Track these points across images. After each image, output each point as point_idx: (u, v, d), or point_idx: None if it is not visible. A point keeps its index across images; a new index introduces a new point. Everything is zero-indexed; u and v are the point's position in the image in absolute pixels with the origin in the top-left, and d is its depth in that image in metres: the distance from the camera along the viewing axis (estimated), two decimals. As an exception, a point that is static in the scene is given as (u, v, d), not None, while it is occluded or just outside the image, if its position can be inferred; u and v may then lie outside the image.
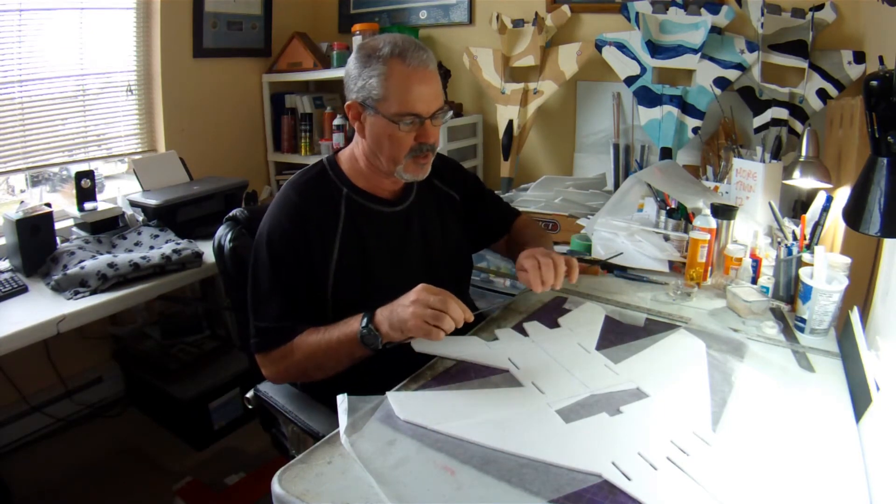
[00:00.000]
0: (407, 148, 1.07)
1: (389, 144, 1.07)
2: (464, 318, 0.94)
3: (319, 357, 1.03)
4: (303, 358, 1.04)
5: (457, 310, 0.93)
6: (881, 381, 0.87)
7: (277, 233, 1.09)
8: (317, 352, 1.03)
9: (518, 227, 1.39)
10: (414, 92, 1.04)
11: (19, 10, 1.93)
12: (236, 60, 2.66)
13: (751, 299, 1.20)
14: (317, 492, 0.71)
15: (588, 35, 2.32)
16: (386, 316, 0.96)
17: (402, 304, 0.95)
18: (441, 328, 0.92)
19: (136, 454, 2.05)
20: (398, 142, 1.06)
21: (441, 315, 0.91)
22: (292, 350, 1.05)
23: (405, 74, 1.03)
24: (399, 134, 1.05)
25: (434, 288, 0.95)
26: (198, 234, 1.90)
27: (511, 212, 1.42)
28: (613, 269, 1.46)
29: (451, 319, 0.92)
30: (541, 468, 0.74)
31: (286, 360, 1.06)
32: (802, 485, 0.73)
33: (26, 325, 1.39)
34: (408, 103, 1.04)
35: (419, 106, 1.05)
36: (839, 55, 1.89)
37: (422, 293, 0.94)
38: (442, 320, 0.91)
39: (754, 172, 1.58)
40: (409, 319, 0.92)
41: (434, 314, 0.92)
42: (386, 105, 1.04)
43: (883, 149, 0.81)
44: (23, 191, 2.15)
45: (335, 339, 1.01)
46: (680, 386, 0.94)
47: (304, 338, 1.04)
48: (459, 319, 0.93)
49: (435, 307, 0.92)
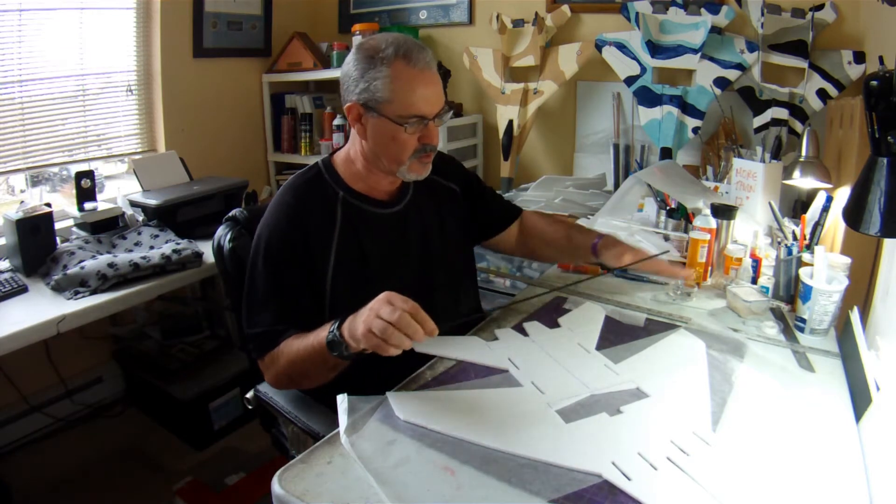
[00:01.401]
0: (411, 149, 1.06)
1: (394, 146, 1.06)
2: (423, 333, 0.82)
3: (300, 364, 0.98)
4: (287, 364, 1.00)
5: (410, 324, 0.81)
6: (881, 381, 0.87)
7: (275, 236, 1.07)
8: (296, 359, 0.98)
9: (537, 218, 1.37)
10: (419, 94, 1.02)
11: (19, 10, 1.93)
12: (236, 60, 2.67)
13: (751, 299, 1.20)
14: (317, 492, 0.71)
15: (588, 35, 2.32)
16: (348, 323, 0.89)
17: (362, 311, 0.87)
18: (388, 342, 0.82)
19: (136, 454, 2.05)
20: (402, 143, 1.05)
21: (388, 329, 0.81)
22: (278, 356, 1.02)
23: (411, 76, 1.02)
24: (404, 136, 1.04)
25: (397, 297, 0.84)
26: (198, 234, 1.90)
27: (513, 207, 1.39)
28: (613, 268, 1.46)
29: (401, 335, 0.81)
30: (541, 468, 0.74)
31: (275, 365, 1.03)
32: (802, 485, 0.73)
33: (26, 325, 1.38)
34: (413, 105, 1.03)
35: (424, 107, 1.04)
36: (839, 55, 1.89)
37: (378, 302, 0.85)
38: (388, 335, 0.81)
39: (754, 172, 1.58)
40: (360, 329, 0.84)
41: (382, 326, 0.81)
42: (391, 107, 1.03)
43: (883, 149, 0.81)
44: (23, 191, 2.15)
45: (310, 344, 0.96)
46: (680, 386, 0.94)
47: (289, 342, 1.00)
48: (416, 335, 0.82)
49: (385, 318, 0.81)
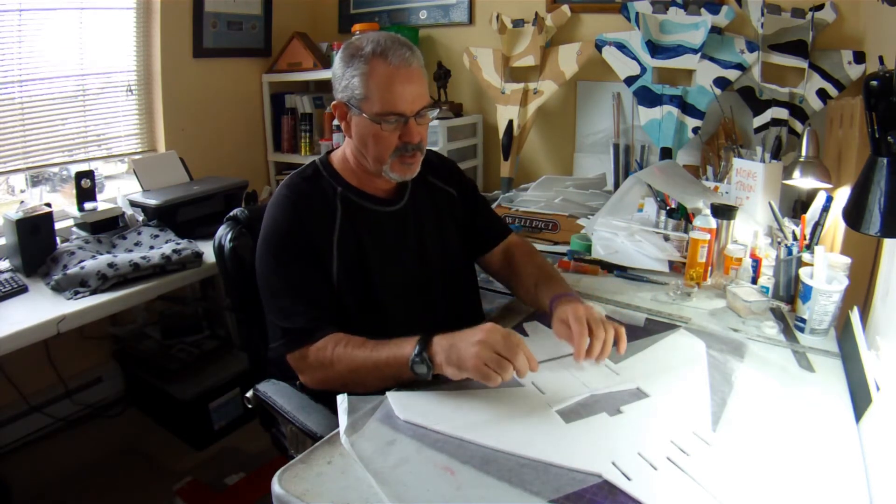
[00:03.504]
0: (391, 148, 1.06)
1: (374, 144, 1.06)
2: (528, 370, 0.86)
3: (363, 374, 0.97)
4: (346, 371, 0.99)
5: (523, 360, 0.85)
6: (881, 381, 0.87)
7: (280, 231, 1.08)
8: (361, 368, 0.97)
9: (522, 252, 1.29)
10: (396, 91, 1.02)
11: (19, 10, 1.93)
12: (236, 60, 2.67)
13: (751, 299, 1.20)
14: (317, 492, 0.71)
15: (588, 35, 2.32)
16: (444, 347, 0.89)
17: (467, 340, 0.88)
18: (501, 376, 0.85)
19: (136, 454, 2.05)
20: (382, 141, 1.05)
21: (505, 363, 0.85)
22: (333, 362, 0.99)
23: (387, 73, 1.01)
24: (383, 134, 1.04)
25: (504, 330, 0.88)
26: (198, 234, 1.90)
27: (504, 225, 1.36)
28: (613, 269, 1.46)
29: (512, 370, 0.85)
30: (541, 468, 0.74)
31: (326, 370, 1.01)
32: (802, 485, 0.73)
33: (26, 325, 1.38)
34: (389, 102, 1.02)
35: (401, 105, 1.03)
36: (839, 55, 1.89)
37: (491, 334, 0.87)
38: (505, 369, 0.85)
39: (754, 172, 1.58)
40: (470, 359, 0.85)
41: (498, 360, 0.85)
42: (368, 105, 1.03)
43: (883, 149, 0.81)
44: (23, 191, 2.15)
45: (383, 358, 0.94)
46: (680, 386, 0.94)
47: (349, 350, 0.99)
48: (523, 371, 0.85)
49: (502, 353, 0.85)
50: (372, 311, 1.12)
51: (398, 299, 1.14)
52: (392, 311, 1.13)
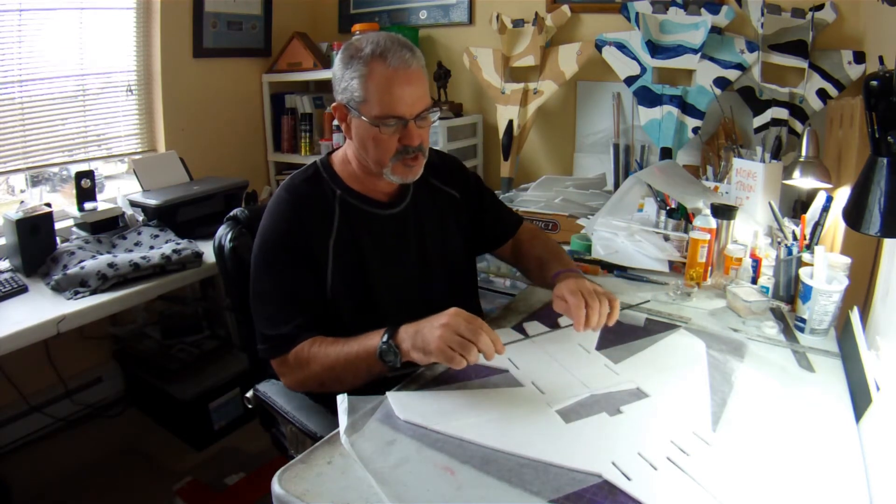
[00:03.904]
0: (392, 150, 1.05)
1: (374, 147, 1.05)
2: (494, 352, 0.87)
3: (338, 370, 0.99)
4: (321, 370, 1.00)
5: (487, 342, 0.87)
6: (881, 381, 0.87)
7: (275, 235, 1.08)
8: (335, 364, 0.99)
9: (527, 237, 1.33)
10: (395, 93, 1.00)
11: (19, 10, 1.93)
12: (236, 60, 2.66)
13: (751, 299, 1.20)
14: (317, 492, 0.71)
15: (588, 35, 2.32)
16: (410, 334, 0.91)
17: (431, 324, 0.89)
18: (466, 358, 0.85)
19: (136, 454, 2.05)
20: (382, 144, 1.04)
21: (468, 345, 0.86)
22: (308, 361, 1.01)
23: (386, 76, 1.00)
24: (382, 137, 1.03)
25: (467, 314, 0.89)
26: (198, 234, 1.90)
27: (514, 217, 1.37)
28: (613, 269, 1.46)
29: (477, 351, 0.86)
30: (541, 468, 0.74)
31: (303, 370, 1.02)
32: (802, 485, 0.73)
33: (26, 325, 1.38)
34: (388, 105, 1.01)
35: (401, 108, 1.02)
36: (839, 55, 1.89)
37: (454, 317, 0.88)
38: (468, 350, 0.85)
39: (754, 172, 1.58)
40: (434, 342, 0.87)
41: (461, 342, 0.86)
42: (367, 107, 1.02)
43: (883, 149, 0.81)
44: (23, 191, 2.15)
45: (354, 352, 0.96)
46: (680, 386, 0.94)
47: (323, 349, 1.00)
48: (489, 352, 0.87)
49: (464, 335, 0.86)
50: (370, 313, 1.11)
51: (397, 302, 1.14)
52: (391, 313, 1.12)
